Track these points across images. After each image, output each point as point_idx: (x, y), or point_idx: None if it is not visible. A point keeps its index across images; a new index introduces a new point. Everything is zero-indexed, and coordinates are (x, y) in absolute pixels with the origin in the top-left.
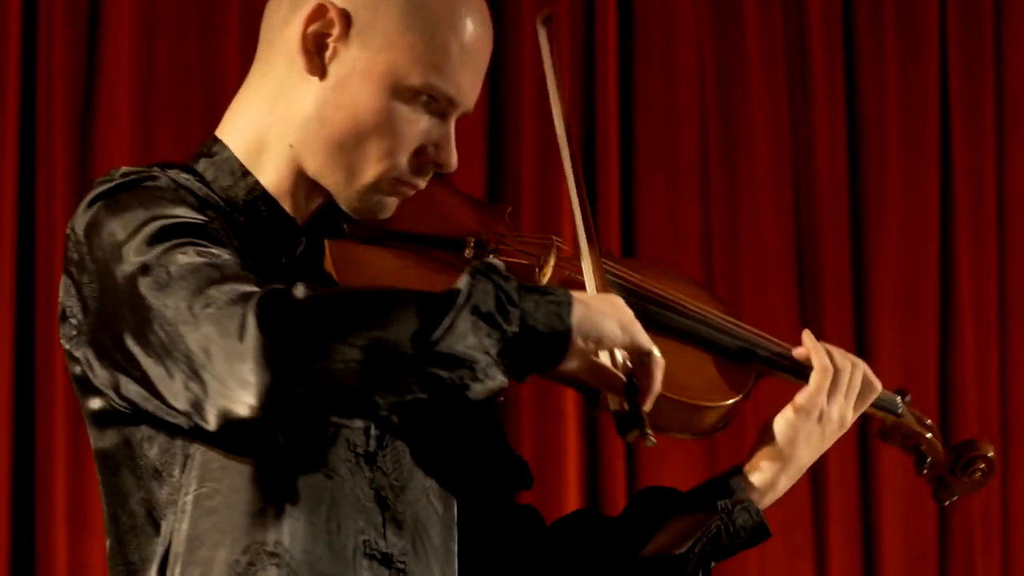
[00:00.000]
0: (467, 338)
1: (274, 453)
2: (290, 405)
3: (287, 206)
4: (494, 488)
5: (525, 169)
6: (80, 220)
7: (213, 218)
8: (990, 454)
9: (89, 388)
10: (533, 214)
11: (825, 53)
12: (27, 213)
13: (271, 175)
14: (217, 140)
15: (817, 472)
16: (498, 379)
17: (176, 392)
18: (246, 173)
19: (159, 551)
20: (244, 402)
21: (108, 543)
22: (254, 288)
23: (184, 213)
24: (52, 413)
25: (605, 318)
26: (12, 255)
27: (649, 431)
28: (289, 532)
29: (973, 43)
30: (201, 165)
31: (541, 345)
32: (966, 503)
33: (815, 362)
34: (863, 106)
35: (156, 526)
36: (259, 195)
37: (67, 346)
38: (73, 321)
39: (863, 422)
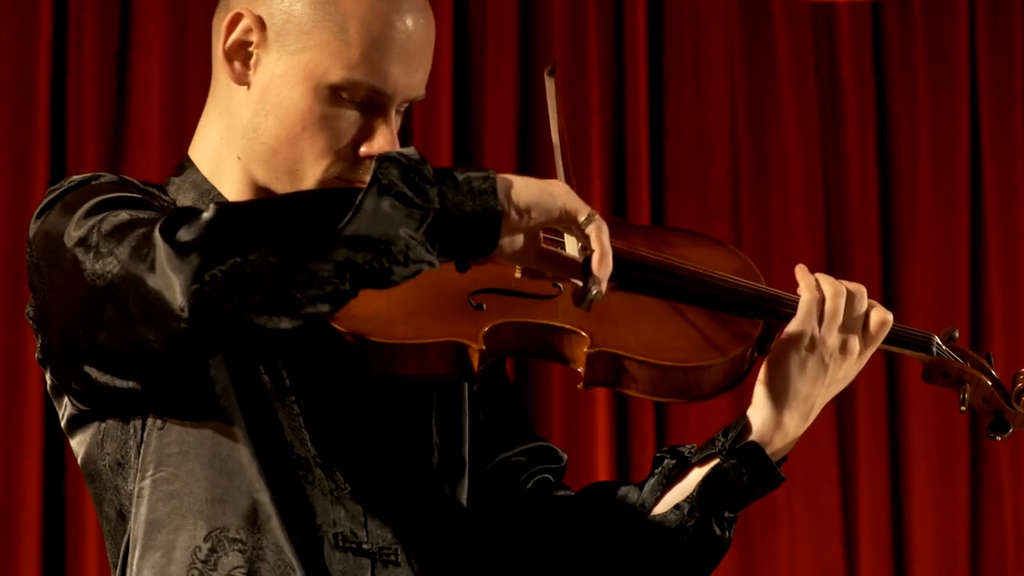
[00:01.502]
0: (379, 219)
1: (237, 440)
2: (211, 306)
3: None
4: (475, 473)
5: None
6: (32, 228)
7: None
8: None
9: (57, 394)
10: None
11: (856, 76)
12: None
13: (229, 188)
14: (187, 159)
15: (848, 486)
16: (424, 258)
17: (114, 344)
18: (210, 188)
19: (124, 541)
20: (171, 314)
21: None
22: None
23: (125, 194)
24: None
25: (532, 187)
26: None
27: (596, 287)
28: (253, 520)
29: (1003, 65)
30: (172, 185)
31: (471, 222)
32: (998, 516)
33: (803, 289)
34: (894, 129)
35: (125, 521)
36: None
37: (39, 355)
38: (34, 326)
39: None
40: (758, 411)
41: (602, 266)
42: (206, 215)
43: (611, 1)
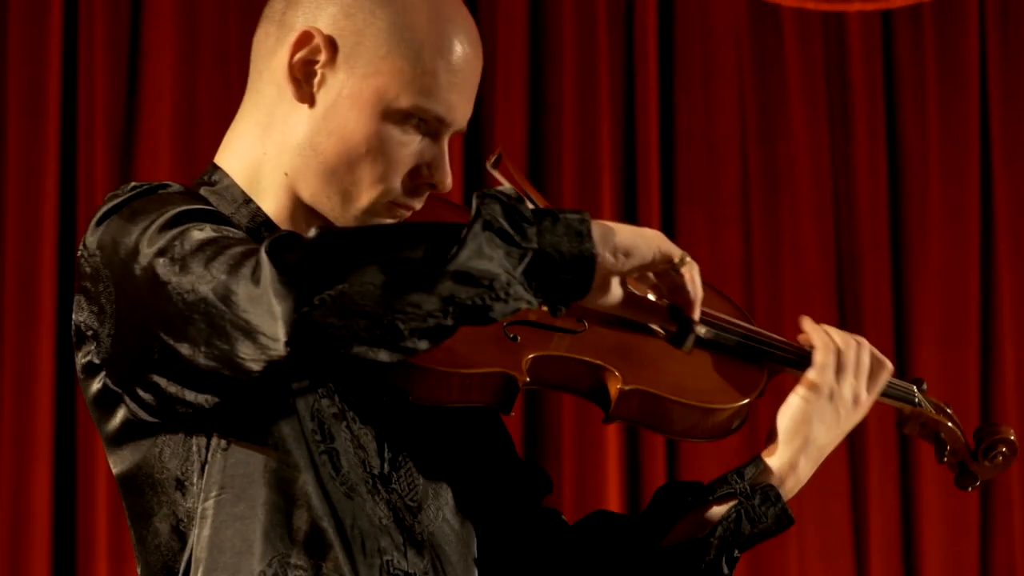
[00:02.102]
0: (482, 255)
1: (298, 464)
2: (314, 332)
3: None
4: (515, 497)
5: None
6: (92, 235)
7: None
8: (1011, 436)
9: (108, 403)
10: None
11: (866, 86)
12: (68, 239)
13: (270, 203)
14: (217, 168)
15: (858, 498)
16: (523, 297)
17: (199, 358)
18: (248, 200)
19: (184, 559)
20: (272, 336)
21: (139, 569)
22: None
23: (197, 204)
24: (94, 451)
25: (628, 231)
26: (54, 282)
27: (698, 326)
28: (315, 546)
29: (1013, 74)
30: (204, 192)
31: (568, 264)
32: (1007, 529)
33: (816, 341)
34: (904, 138)
35: (182, 538)
36: (261, 222)
37: (84, 360)
38: (89, 334)
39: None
40: (774, 456)
41: (698, 307)
42: (312, 239)
43: (621, 11)
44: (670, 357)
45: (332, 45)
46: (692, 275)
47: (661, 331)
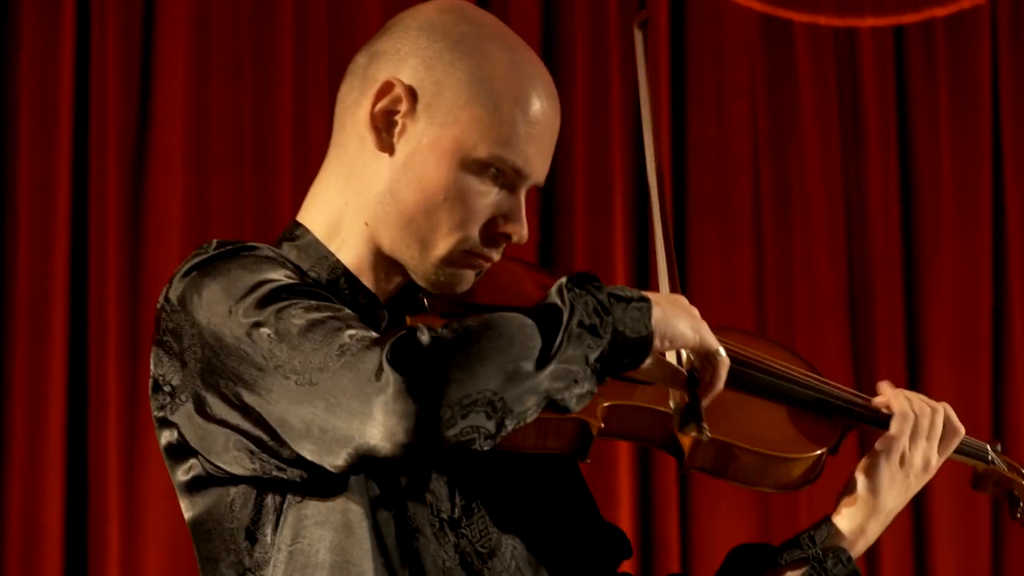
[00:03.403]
0: (577, 352)
1: (364, 510)
2: (436, 440)
3: (367, 283)
4: (593, 557)
5: (578, 235)
6: (175, 290)
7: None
8: None
9: (181, 455)
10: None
11: (878, 101)
12: (79, 252)
13: (350, 253)
14: (299, 224)
15: None
16: (588, 386)
17: (299, 437)
18: (328, 253)
19: None
20: (388, 439)
21: None
22: (379, 335)
23: (287, 276)
24: (105, 459)
25: (678, 319)
26: (65, 294)
27: (705, 425)
28: None
29: None
30: (284, 249)
31: (628, 350)
32: (1020, 549)
33: (895, 407)
34: (916, 153)
35: None
36: (341, 273)
37: (159, 415)
38: (167, 388)
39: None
40: (845, 519)
41: (710, 398)
42: (429, 345)
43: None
44: (745, 408)
45: (413, 95)
46: (720, 372)
47: (673, 403)
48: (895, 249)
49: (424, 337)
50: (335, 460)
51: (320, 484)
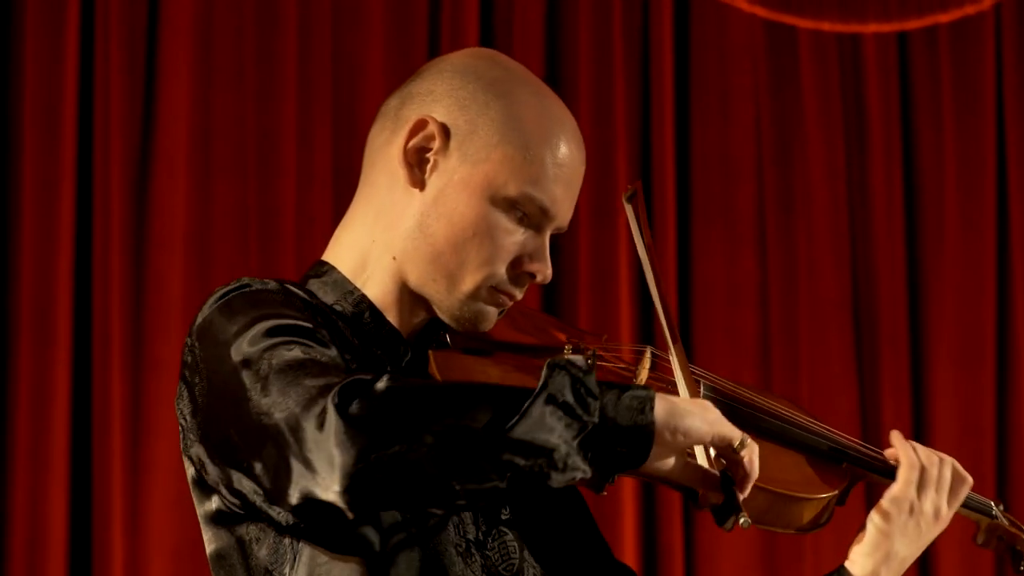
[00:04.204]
0: (544, 427)
1: (374, 550)
2: (370, 489)
3: (392, 318)
4: None
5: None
6: (196, 325)
7: (321, 324)
8: None
9: (204, 488)
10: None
11: (882, 106)
12: (83, 258)
13: (376, 288)
14: (324, 263)
15: None
16: (580, 468)
17: (268, 483)
18: (353, 288)
19: None
20: (329, 487)
21: None
22: (340, 379)
23: (293, 314)
24: (109, 465)
25: (689, 413)
26: (69, 300)
27: (745, 514)
28: None
29: None
30: (312, 285)
31: (624, 438)
32: None
33: (902, 457)
34: (920, 159)
35: None
36: (366, 307)
37: (183, 447)
38: (183, 423)
39: None
40: (858, 566)
41: (748, 488)
42: (380, 390)
43: (638, 32)
44: (760, 451)
45: (446, 132)
46: (751, 457)
47: (708, 502)
48: (899, 254)
49: (379, 384)
50: (287, 504)
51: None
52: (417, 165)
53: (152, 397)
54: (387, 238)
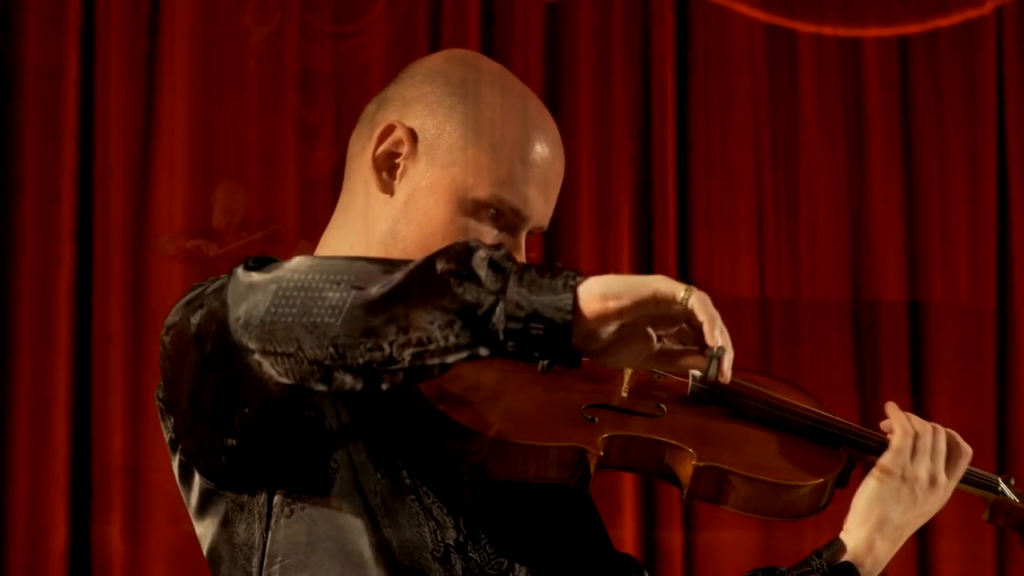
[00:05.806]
0: (425, 304)
1: (361, 529)
2: (261, 331)
3: None
4: None
5: (583, 248)
6: (169, 318)
7: None
8: None
9: (186, 476)
10: None
11: (882, 111)
12: (84, 262)
13: None
14: None
15: None
16: (455, 342)
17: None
18: None
19: None
20: (230, 327)
21: None
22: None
23: None
24: (109, 465)
25: (623, 278)
26: (70, 301)
27: (711, 349)
28: None
29: None
30: None
31: (537, 315)
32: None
33: (896, 425)
34: (920, 164)
35: None
36: None
37: (167, 438)
38: (163, 408)
39: None
40: (852, 535)
41: (715, 331)
42: (273, 265)
43: (638, 38)
44: (748, 440)
45: (413, 137)
46: (702, 303)
47: (694, 376)
48: (899, 259)
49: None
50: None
51: (303, 491)
52: (387, 171)
53: (152, 397)
54: (363, 243)
